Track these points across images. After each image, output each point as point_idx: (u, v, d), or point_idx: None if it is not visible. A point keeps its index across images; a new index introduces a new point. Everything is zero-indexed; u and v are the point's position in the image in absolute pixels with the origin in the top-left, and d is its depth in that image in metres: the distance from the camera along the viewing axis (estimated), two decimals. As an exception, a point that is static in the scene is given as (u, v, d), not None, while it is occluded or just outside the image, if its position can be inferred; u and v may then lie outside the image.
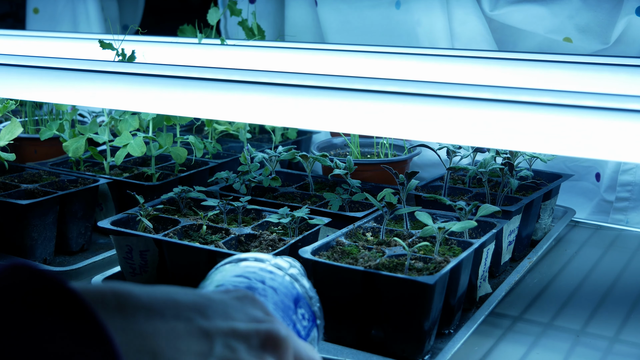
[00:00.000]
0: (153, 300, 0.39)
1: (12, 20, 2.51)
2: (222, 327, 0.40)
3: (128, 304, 0.37)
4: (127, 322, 0.37)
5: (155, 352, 0.37)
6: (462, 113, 0.69)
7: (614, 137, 0.62)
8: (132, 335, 0.36)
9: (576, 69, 0.89)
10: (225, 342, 0.40)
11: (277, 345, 0.42)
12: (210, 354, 0.39)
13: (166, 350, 0.37)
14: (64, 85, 0.91)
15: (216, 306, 0.41)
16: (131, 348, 0.36)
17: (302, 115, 0.77)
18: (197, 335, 0.39)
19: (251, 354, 0.41)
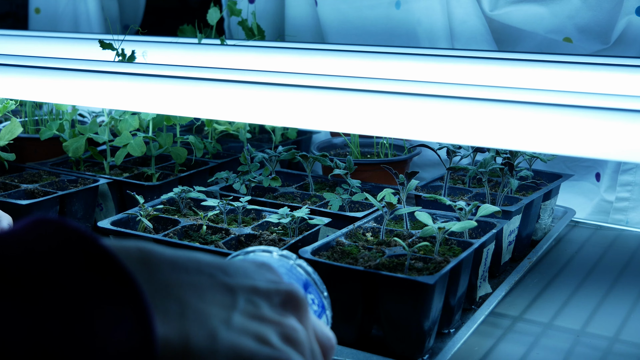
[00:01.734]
0: (176, 256, 0.39)
1: (12, 20, 2.51)
2: (244, 284, 0.41)
3: (152, 258, 0.38)
4: (151, 273, 0.37)
5: (181, 300, 0.37)
6: (462, 113, 0.69)
7: (614, 137, 0.62)
8: (158, 285, 0.37)
9: (576, 69, 0.89)
10: (248, 297, 0.40)
11: (297, 306, 0.43)
12: (235, 307, 0.39)
13: (192, 300, 0.38)
14: (64, 85, 0.91)
15: (236, 267, 0.42)
16: (157, 296, 0.36)
17: (302, 115, 0.77)
18: (221, 289, 0.39)
19: (273, 311, 0.41)
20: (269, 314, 0.41)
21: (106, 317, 0.33)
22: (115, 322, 0.33)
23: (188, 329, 0.37)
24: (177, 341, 0.36)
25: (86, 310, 0.33)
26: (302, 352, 0.41)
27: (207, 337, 0.37)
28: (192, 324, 0.37)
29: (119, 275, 0.34)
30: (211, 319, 0.38)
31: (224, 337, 0.38)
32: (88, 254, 0.34)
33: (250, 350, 0.39)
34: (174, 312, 0.37)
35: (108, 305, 0.33)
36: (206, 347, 0.37)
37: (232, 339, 0.38)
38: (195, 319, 0.37)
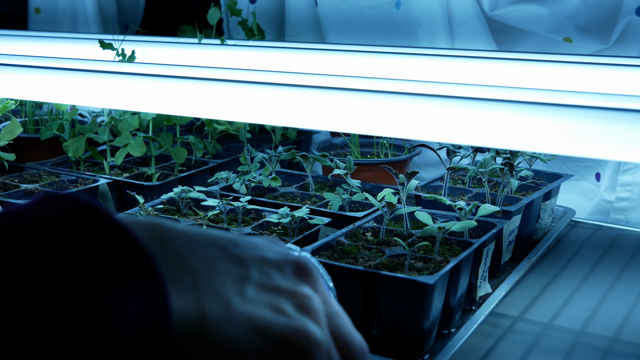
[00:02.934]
0: (187, 230, 0.39)
1: (12, 20, 2.51)
2: (255, 255, 0.41)
3: (164, 231, 0.38)
4: (164, 246, 0.37)
5: (194, 272, 0.37)
6: (462, 113, 0.69)
7: (614, 137, 0.62)
8: (170, 257, 0.37)
9: (576, 69, 0.89)
10: (259, 268, 0.41)
11: (309, 275, 0.43)
12: (247, 278, 0.39)
13: (205, 272, 0.38)
14: (64, 85, 0.91)
15: (246, 240, 0.42)
16: (171, 268, 0.36)
17: (302, 115, 0.77)
18: (232, 260, 0.40)
19: (285, 280, 0.41)
20: (281, 284, 0.41)
21: (120, 291, 0.33)
22: (130, 295, 0.33)
23: (203, 300, 0.37)
24: (193, 312, 0.36)
25: (100, 284, 0.33)
26: (317, 319, 0.41)
27: (223, 307, 0.37)
28: (207, 295, 0.37)
29: (131, 247, 0.34)
30: (225, 290, 0.38)
31: (239, 307, 0.38)
32: (100, 227, 0.34)
33: (266, 319, 0.39)
34: (188, 284, 0.37)
35: (122, 278, 0.33)
36: (222, 317, 0.37)
37: (247, 309, 0.38)
38: (210, 290, 0.37)
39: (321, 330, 0.41)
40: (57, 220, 0.34)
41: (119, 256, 0.34)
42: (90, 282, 0.32)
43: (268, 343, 0.38)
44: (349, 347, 0.43)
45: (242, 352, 0.37)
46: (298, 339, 0.39)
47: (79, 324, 0.31)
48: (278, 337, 0.38)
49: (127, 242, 0.34)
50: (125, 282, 0.33)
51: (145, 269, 0.34)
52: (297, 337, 0.39)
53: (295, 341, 0.39)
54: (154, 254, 0.35)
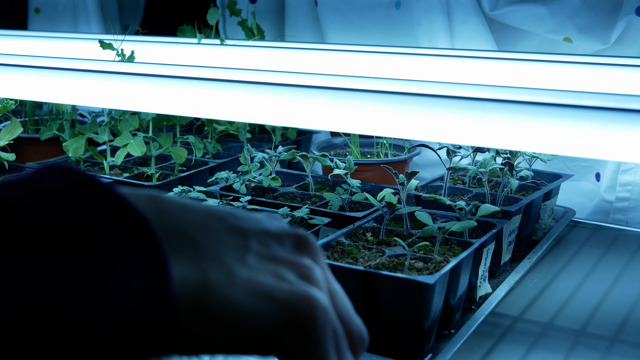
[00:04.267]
0: (186, 202, 0.39)
1: (12, 21, 2.51)
2: (255, 227, 0.40)
3: (163, 202, 0.38)
4: (162, 215, 0.36)
5: (194, 240, 0.37)
6: (462, 113, 0.69)
7: (614, 137, 0.62)
8: (170, 226, 0.36)
9: (576, 69, 0.89)
10: (260, 239, 0.40)
11: (310, 248, 0.42)
12: (248, 248, 0.39)
13: (205, 240, 0.37)
14: (64, 85, 0.91)
15: (245, 213, 0.41)
16: (170, 236, 0.36)
17: (302, 115, 0.77)
18: (232, 231, 0.39)
19: (286, 252, 0.41)
20: (282, 254, 0.40)
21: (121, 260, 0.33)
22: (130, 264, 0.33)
23: (204, 267, 0.36)
24: (195, 279, 0.36)
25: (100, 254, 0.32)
26: (320, 288, 0.40)
27: (225, 273, 0.37)
28: (208, 261, 0.37)
29: (130, 215, 0.34)
30: (226, 258, 0.38)
31: (241, 273, 0.38)
32: (98, 196, 0.34)
33: (270, 285, 0.38)
34: (189, 251, 0.36)
35: (122, 248, 0.33)
36: (225, 282, 0.37)
37: (249, 275, 0.38)
38: (211, 257, 0.37)
39: (325, 296, 0.40)
40: (54, 190, 0.34)
41: (118, 225, 0.33)
42: (90, 251, 0.32)
43: (273, 308, 0.37)
44: (349, 329, 0.42)
45: (246, 317, 0.37)
46: (302, 304, 0.38)
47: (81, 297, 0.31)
48: (282, 302, 0.38)
49: (126, 211, 0.34)
50: (125, 251, 0.33)
51: (145, 237, 0.34)
52: (301, 302, 0.38)
53: (300, 306, 0.38)
54: (154, 223, 0.34)
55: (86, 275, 0.32)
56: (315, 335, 0.38)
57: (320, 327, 0.39)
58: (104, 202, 0.34)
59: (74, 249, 0.32)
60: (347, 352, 0.42)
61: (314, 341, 0.38)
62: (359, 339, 0.42)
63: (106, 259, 0.33)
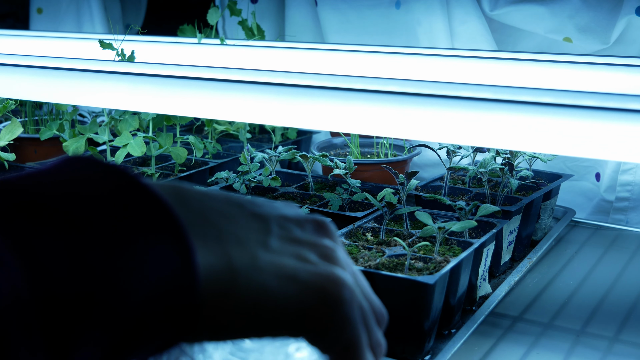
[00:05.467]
0: (205, 190, 0.40)
1: (12, 20, 2.51)
2: (274, 213, 0.41)
3: (184, 191, 0.38)
4: (185, 203, 0.37)
5: (217, 225, 0.37)
6: (462, 113, 0.69)
7: (614, 137, 0.62)
8: (192, 212, 0.37)
9: (576, 69, 0.89)
10: (279, 223, 0.41)
11: (329, 232, 0.43)
12: (269, 231, 0.39)
13: (227, 225, 0.38)
14: (64, 85, 0.91)
15: (262, 200, 0.42)
16: (194, 222, 0.36)
17: (302, 115, 0.77)
18: (252, 217, 0.40)
19: (306, 234, 0.41)
20: (303, 237, 0.41)
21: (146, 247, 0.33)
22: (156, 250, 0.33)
23: (229, 251, 0.37)
24: (220, 263, 0.36)
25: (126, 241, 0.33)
26: (343, 267, 0.41)
27: (249, 257, 0.37)
28: (232, 246, 0.37)
29: (154, 203, 0.34)
30: (249, 242, 0.38)
31: (265, 257, 0.38)
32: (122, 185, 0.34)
33: (294, 267, 0.38)
34: (212, 236, 0.37)
35: (147, 235, 0.33)
36: (250, 265, 0.37)
37: (273, 258, 0.38)
38: (234, 241, 0.37)
39: (350, 275, 0.40)
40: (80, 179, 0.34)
41: (143, 212, 0.34)
42: (116, 238, 0.32)
43: (298, 289, 0.38)
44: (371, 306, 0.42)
45: (273, 300, 0.37)
46: (327, 284, 0.38)
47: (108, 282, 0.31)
48: (308, 283, 0.38)
49: (150, 199, 0.34)
50: (151, 238, 0.33)
51: (170, 224, 0.34)
52: (326, 282, 0.38)
53: (325, 286, 0.38)
54: (177, 210, 0.35)
55: (112, 261, 0.32)
56: (343, 313, 0.39)
57: (348, 305, 0.39)
58: (128, 190, 0.34)
59: (101, 235, 0.32)
60: (375, 327, 0.42)
61: (342, 319, 0.39)
62: (381, 316, 0.43)
63: (132, 246, 0.33)
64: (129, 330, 0.32)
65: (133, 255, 0.32)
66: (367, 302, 0.42)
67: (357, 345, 0.40)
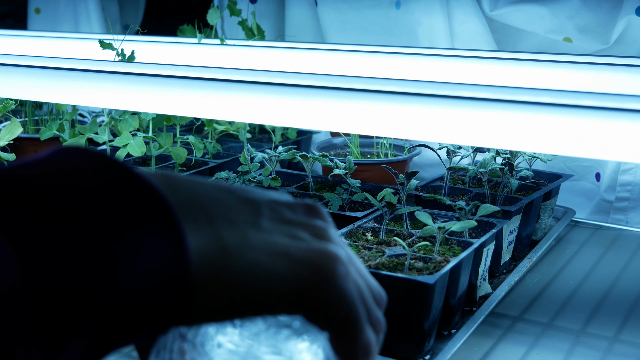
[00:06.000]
0: (194, 178, 0.40)
1: (12, 20, 2.51)
2: (264, 197, 0.41)
3: (173, 178, 0.38)
4: (174, 189, 0.37)
5: (207, 209, 0.37)
6: (462, 113, 0.69)
7: (614, 137, 0.62)
8: (182, 198, 0.37)
9: (576, 69, 0.89)
10: (271, 207, 0.40)
11: (321, 215, 0.42)
12: (260, 213, 0.39)
13: (217, 209, 0.38)
14: (64, 85, 0.91)
15: (253, 187, 0.42)
16: (183, 207, 0.36)
17: (302, 115, 0.77)
18: (243, 201, 0.40)
19: (298, 216, 0.41)
20: (294, 218, 0.41)
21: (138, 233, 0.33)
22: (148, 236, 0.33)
23: (220, 232, 0.37)
24: (211, 244, 0.36)
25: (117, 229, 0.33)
26: (336, 244, 0.40)
27: (240, 236, 0.37)
28: (223, 227, 0.37)
29: (144, 189, 0.34)
30: (239, 223, 0.38)
31: (257, 236, 0.38)
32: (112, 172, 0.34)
33: (286, 244, 0.38)
34: (202, 219, 0.37)
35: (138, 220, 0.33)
36: (242, 244, 0.37)
37: (264, 237, 0.38)
38: (225, 223, 0.37)
39: (343, 250, 0.40)
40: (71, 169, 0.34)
41: (133, 198, 0.34)
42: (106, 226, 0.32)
43: (292, 266, 0.38)
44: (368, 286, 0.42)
45: (267, 277, 0.37)
46: (321, 259, 0.38)
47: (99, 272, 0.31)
48: (301, 259, 0.38)
49: (139, 185, 0.34)
50: (141, 224, 0.33)
51: (160, 209, 0.34)
52: (319, 258, 0.38)
53: (319, 261, 0.38)
54: (168, 196, 0.35)
55: (105, 250, 0.32)
56: (338, 287, 0.39)
57: (343, 279, 0.39)
58: (119, 179, 0.34)
59: (93, 225, 0.32)
60: (373, 304, 0.42)
61: (338, 293, 0.39)
62: (379, 296, 0.43)
63: (125, 235, 0.33)
64: (122, 318, 0.32)
65: (125, 244, 0.32)
66: (363, 280, 0.42)
67: (355, 319, 0.39)
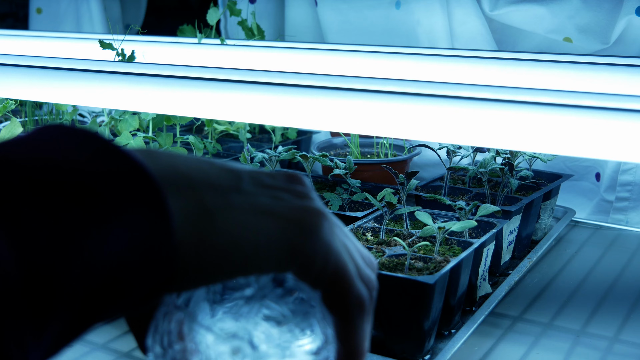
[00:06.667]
0: (175, 152, 0.40)
1: (12, 20, 2.51)
2: (244, 168, 0.41)
3: (154, 152, 0.38)
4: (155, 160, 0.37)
5: (188, 175, 0.37)
6: (462, 113, 0.69)
7: (614, 137, 0.62)
8: (163, 166, 0.37)
9: (576, 69, 0.89)
10: (251, 175, 0.41)
11: (302, 182, 0.42)
12: (241, 179, 0.39)
13: (198, 175, 0.38)
14: (64, 85, 0.91)
15: (233, 162, 0.42)
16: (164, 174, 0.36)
17: (302, 115, 0.77)
18: (223, 169, 0.40)
19: (278, 182, 0.41)
20: (276, 183, 0.41)
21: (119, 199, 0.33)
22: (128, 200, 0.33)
23: (202, 196, 0.37)
24: (194, 207, 0.36)
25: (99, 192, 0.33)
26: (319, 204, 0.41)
27: (223, 198, 0.37)
28: (204, 191, 0.37)
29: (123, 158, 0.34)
30: (222, 188, 0.38)
31: (238, 198, 0.38)
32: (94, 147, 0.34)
33: (268, 204, 0.39)
34: (184, 186, 0.37)
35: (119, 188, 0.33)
36: (225, 205, 0.37)
37: (246, 199, 0.38)
38: (206, 188, 0.37)
39: (328, 211, 0.40)
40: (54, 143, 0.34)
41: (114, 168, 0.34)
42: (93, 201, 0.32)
43: (276, 223, 0.38)
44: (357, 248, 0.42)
45: (253, 235, 0.37)
46: (304, 214, 0.39)
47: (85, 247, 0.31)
48: (284, 216, 0.38)
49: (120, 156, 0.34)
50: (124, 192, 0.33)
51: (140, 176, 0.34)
52: (303, 213, 0.39)
53: (303, 217, 0.38)
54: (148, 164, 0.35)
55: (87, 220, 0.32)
56: (325, 241, 0.39)
57: (328, 234, 0.39)
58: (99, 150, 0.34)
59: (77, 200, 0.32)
60: (363, 263, 0.42)
61: (325, 247, 0.39)
62: (368, 259, 0.43)
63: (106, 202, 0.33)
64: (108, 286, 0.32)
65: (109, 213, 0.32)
66: (350, 241, 0.42)
67: (344, 273, 0.40)
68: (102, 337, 0.87)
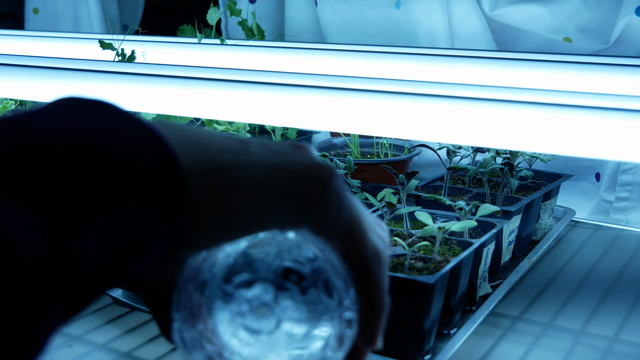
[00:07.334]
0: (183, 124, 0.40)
1: (12, 21, 2.51)
2: (254, 139, 0.42)
3: (163, 121, 0.39)
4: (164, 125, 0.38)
5: (197, 139, 0.38)
6: (462, 113, 0.69)
7: (614, 137, 0.62)
8: (172, 130, 0.37)
9: (576, 69, 0.89)
10: (258, 141, 0.41)
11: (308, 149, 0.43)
12: (248, 144, 0.40)
13: (206, 138, 0.38)
14: (64, 85, 0.91)
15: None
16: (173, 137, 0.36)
17: (302, 115, 0.77)
18: (231, 138, 0.40)
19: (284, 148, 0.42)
20: (283, 148, 0.41)
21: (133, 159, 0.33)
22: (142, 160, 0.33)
23: (213, 154, 0.37)
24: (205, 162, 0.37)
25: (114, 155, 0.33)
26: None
27: (232, 157, 0.38)
28: (214, 150, 0.38)
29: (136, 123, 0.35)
30: (230, 149, 0.39)
31: (246, 157, 0.39)
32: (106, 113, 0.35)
33: (277, 160, 0.39)
34: (193, 146, 0.37)
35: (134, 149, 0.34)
36: (234, 163, 0.38)
37: (254, 158, 0.39)
38: (215, 148, 0.38)
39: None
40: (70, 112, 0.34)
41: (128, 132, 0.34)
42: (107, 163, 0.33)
43: (288, 177, 0.38)
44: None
45: (265, 189, 0.37)
46: (314, 169, 0.39)
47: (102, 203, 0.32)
48: (296, 170, 0.39)
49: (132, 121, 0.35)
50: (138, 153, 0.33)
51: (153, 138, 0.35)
52: (313, 168, 0.39)
53: (312, 171, 0.39)
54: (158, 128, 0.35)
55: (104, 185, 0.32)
56: (337, 194, 0.39)
57: (340, 188, 0.40)
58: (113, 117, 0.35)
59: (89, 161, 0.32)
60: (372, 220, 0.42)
61: (338, 199, 0.39)
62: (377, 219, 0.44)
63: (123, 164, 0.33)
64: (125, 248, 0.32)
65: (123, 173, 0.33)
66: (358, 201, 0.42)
67: (359, 223, 0.40)
68: (102, 337, 0.86)
